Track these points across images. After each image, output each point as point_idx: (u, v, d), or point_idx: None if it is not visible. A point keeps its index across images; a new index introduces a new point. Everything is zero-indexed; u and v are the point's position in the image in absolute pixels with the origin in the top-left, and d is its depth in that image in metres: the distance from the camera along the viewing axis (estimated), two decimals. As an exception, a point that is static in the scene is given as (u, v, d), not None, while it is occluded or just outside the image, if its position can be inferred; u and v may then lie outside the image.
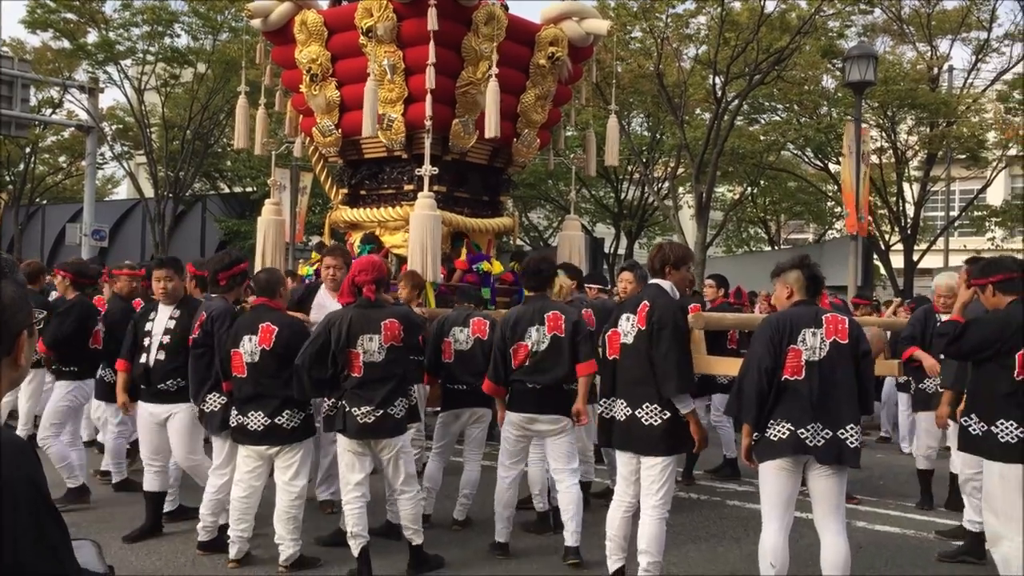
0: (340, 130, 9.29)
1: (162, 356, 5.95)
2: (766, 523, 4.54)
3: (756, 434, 4.50)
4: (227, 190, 29.55)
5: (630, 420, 4.83)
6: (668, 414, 4.76)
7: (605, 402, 5.00)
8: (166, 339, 5.95)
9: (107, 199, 34.85)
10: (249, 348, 5.40)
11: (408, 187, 9.14)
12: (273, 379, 5.38)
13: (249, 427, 5.42)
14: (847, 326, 4.49)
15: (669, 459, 4.83)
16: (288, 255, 16.31)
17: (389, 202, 9.36)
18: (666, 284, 4.97)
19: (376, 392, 5.24)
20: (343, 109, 9.22)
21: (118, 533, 6.10)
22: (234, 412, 5.49)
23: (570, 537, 5.65)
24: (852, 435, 4.40)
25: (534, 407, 5.68)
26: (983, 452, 4.69)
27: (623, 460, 4.97)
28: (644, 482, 4.84)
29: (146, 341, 6.01)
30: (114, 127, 27.81)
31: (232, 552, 5.53)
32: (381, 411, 5.25)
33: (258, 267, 8.93)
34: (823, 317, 4.50)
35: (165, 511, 6.30)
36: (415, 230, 8.20)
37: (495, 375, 5.78)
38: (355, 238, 9.42)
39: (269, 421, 5.38)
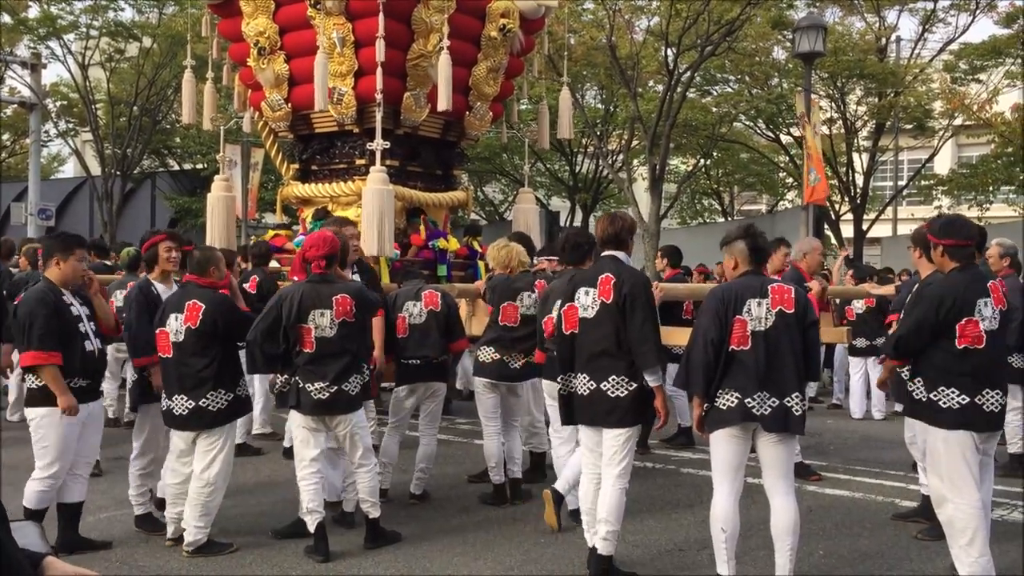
0: (290, 104, 9.18)
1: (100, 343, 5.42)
2: (717, 489, 4.62)
3: (706, 404, 4.56)
4: (177, 167, 29.05)
5: (594, 394, 4.80)
6: (634, 385, 4.76)
7: (563, 378, 4.94)
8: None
9: (53, 177, 34.11)
10: (175, 327, 5.29)
11: (360, 161, 9.07)
12: (199, 358, 5.24)
13: (175, 411, 5.31)
14: (793, 296, 4.54)
15: (632, 430, 4.85)
16: (240, 232, 16.12)
17: (341, 177, 9.28)
18: (621, 255, 4.95)
19: (329, 368, 5.21)
20: (292, 83, 9.10)
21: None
22: (163, 396, 5.39)
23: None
24: (797, 403, 4.49)
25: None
26: (926, 418, 4.78)
27: (588, 434, 4.95)
28: (606, 453, 4.84)
29: (81, 327, 5.24)
30: (58, 104, 27.14)
31: (169, 531, 5.48)
32: (335, 387, 5.22)
33: (211, 245, 8.82)
34: (769, 287, 4.56)
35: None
36: (368, 205, 8.14)
37: (541, 344, 5.69)
38: (307, 214, 9.34)
39: (193, 404, 5.25)
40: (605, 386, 4.77)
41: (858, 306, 10.41)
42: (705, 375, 4.50)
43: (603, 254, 5.01)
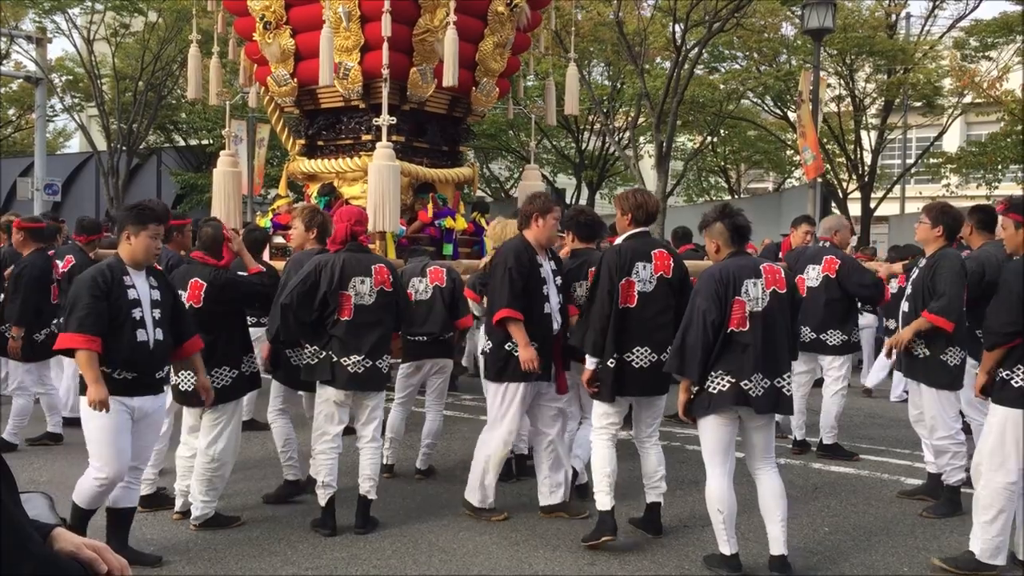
0: (295, 79, 9.14)
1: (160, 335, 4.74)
2: (710, 471, 4.65)
3: (695, 388, 4.57)
4: (183, 143, 29.00)
5: (656, 365, 5.00)
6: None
7: (616, 354, 5.00)
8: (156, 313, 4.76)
9: (59, 152, 34.10)
10: None
11: (366, 137, 9.04)
12: (202, 335, 5.06)
13: (181, 387, 5.28)
14: (783, 275, 4.61)
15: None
16: (247, 208, 16.11)
17: (347, 152, 9.26)
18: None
19: (365, 339, 5.21)
20: (298, 58, 9.06)
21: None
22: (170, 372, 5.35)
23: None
24: (787, 383, 4.55)
25: None
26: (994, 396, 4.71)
27: (622, 405, 5.19)
28: (648, 419, 5.27)
29: (136, 313, 4.60)
30: (64, 78, 27.09)
31: (177, 504, 5.52)
32: (371, 362, 5.23)
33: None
34: (762, 267, 4.58)
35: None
36: (373, 181, 8.12)
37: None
38: (313, 189, 9.32)
39: (198, 379, 5.11)
40: (663, 358, 4.96)
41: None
42: (703, 358, 4.48)
43: (639, 230, 5.16)
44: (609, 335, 4.96)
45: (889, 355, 6.40)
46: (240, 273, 5.55)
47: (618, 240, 5.21)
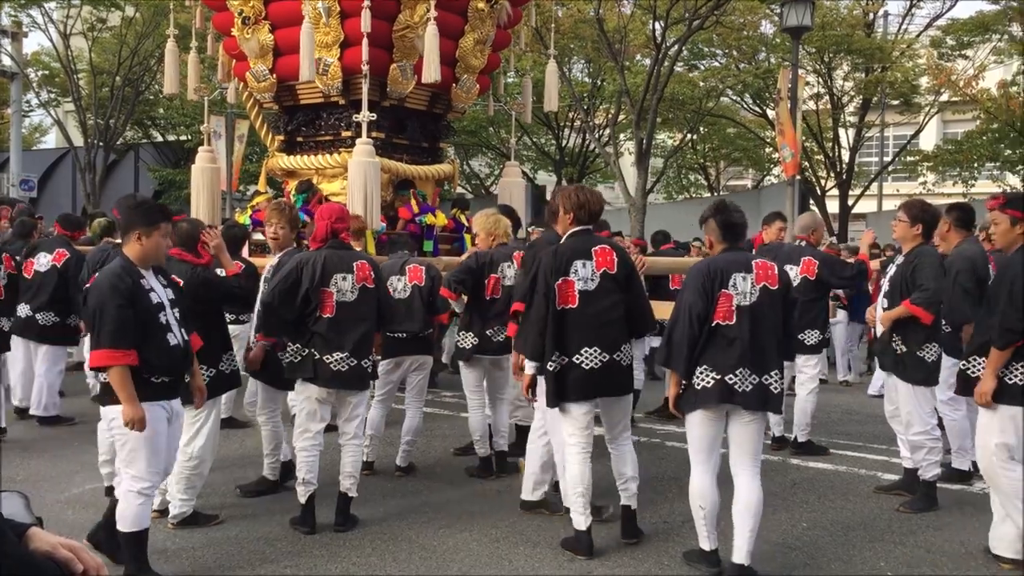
0: (275, 75, 9.08)
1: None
2: (694, 467, 4.65)
3: (683, 382, 4.57)
4: (160, 138, 28.80)
5: (609, 365, 4.84)
6: (632, 353, 5.03)
7: (558, 356, 4.84)
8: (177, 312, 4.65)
9: (35, 148, 33.78)
10: None
11: (346, 133, 9.00)
12: None
13: None
14: (777, 273, 4.56)
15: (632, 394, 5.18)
16: (225, 204, 16.02)
17: (327, 149, 9.22)
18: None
19: (347, 336, 5.20)
20: (277, 53, 9.01)
21: (51, 487, 6.03)
22: None
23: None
24: (776, 380, 4.48)
25: None
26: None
27: (583, 410, 4.91)
28: (613, 419, 5.09)
29: (162, 317, 4.46)
30: (40, 73, 26.85)
31: (155, 503, 5.42)
32: (355, 361, 5.22)
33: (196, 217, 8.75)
34: (753, 262, 4.55)
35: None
36: (353, 177, 8.09)
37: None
38: (291, 186, 9.28)
39: (192, 380, 4.98)
40: (617, 356, 4.86)
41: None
42: (689, 351, 4.48)
43: (581, 228, 5.00)
44: (548, 338, 4.82)
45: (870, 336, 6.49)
46: (218, 271, 5.52)
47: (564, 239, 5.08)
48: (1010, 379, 4.66)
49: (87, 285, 4.48)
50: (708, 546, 4.64)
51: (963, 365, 5.00)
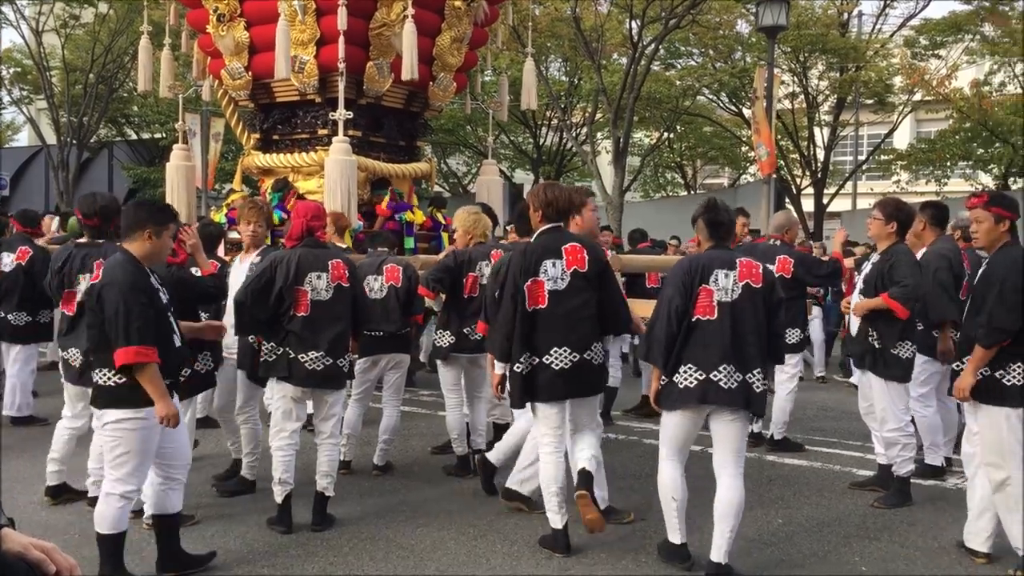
0: (250, 73, 9.03)
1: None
2: (663, 460, 4.67)
3: (664, 379, 4.58)
4: (135, 136, 28.56)
5: (580, 365, 4.80)
6: (604, 351, 4.97)
7: (528, 357, 4.82)
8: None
9: (7, 146, 33.40)
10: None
11: (322, 132, 8.97)
12: None
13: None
14: (761, 271, 4.55)
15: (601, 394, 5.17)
16: (201, 202, 15.91)
17: (303, 147, 9.18)
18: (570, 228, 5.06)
19: (322, 336, 5.18)
20: (252, 51, 8.96)
21: (24, 488, 5.97)
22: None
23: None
24: (758, 379, 4.47)
25: None
26: (992, 398, 4.70)
27: (554, 410, 4.88)
28: (583, 419, 4.98)
29: (169, 317, 4.47)
30: (12, 70, 26.55)
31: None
32: (330, 360, 5.20)
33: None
34: (737, 260, 4.55)
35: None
36: (330, 176, 8.06)
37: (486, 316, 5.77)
38: (267, 184, 9.23)
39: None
40: (588, 355, 4.81)
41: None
42: (667, 346, 4.50)
43: (551, 226, 4.96)
44: (515, 339, 4.79)
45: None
46: (193, 269, 5.48)
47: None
48: (1008, 381, 4.61)
49: (93, 282, 4.35)
50: (679, 539, 4.66)
51: (956, 366, 4.91)
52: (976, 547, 4.89)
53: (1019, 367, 4.60)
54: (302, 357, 5.17)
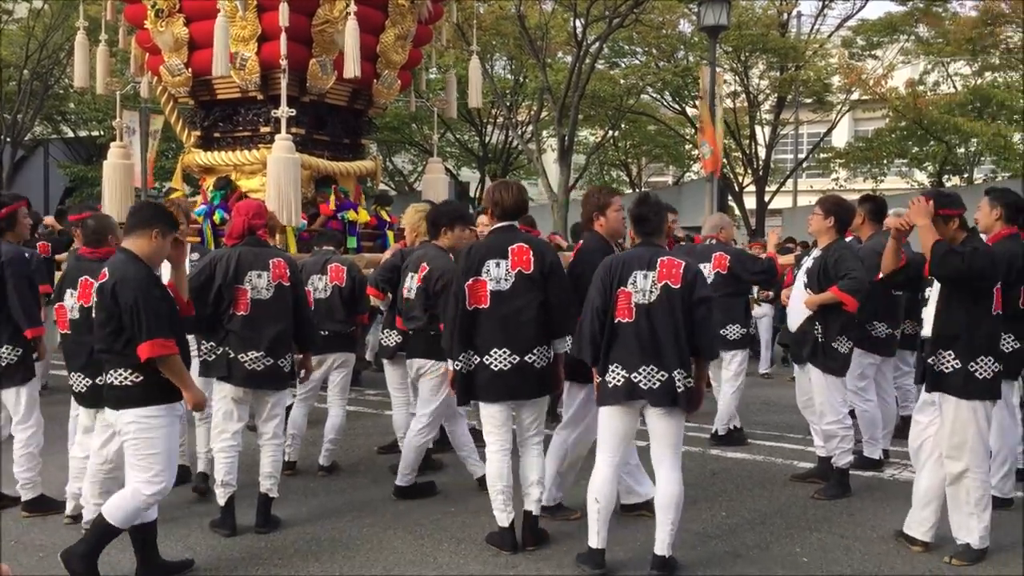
0: (190, 69, 8.91)
1: None
2: (598, 460, 4.67)
3: (599, 377, 4.60)
4: (71, 134, 27.92)
5: (520, 367, 4.75)
6: (551, 354, 4.86)
7: (464, 356, 4.81)
8: None
9: (-63, 144, 32.44)
10: (70, 303, 5.07)
11: (265, 129, 8.89)
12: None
13: (75, 387, 5.09)
14: (681, 271, 4.48)
15: (547, 397, 5.04)
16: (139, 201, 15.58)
17: (245, 145, 9.08)
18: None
19: (263, 335, 5.11)
20: (192, 47, 8.84)
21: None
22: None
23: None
24: (682, 379, 4.45)
25: None
26: (960, 391, 4.73)
27: (497, 409, 4.87)
28: (526, 422, 4.94)
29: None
30: (-59, 66, 25.78)
31: (68, 508, 5.35)
32: (271, 360, 5.13)
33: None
34: (657, 260, 4.51)
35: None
36: (273, 174, 7.99)
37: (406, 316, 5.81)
38: (209, 183, 9.10)
39: (90, 382, 4.95)
40: (530, 358, 4.77)
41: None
42: (592, 344, 4.55)
43: (502, 225, 4.94)
44: (455, 337, 4.80)
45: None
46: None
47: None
48: (980, 374, 4.69)
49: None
50: (596, 544, 4.60)
51: (931, 360, 4.86)
52: (917, 536, 4.98)
53: (988, 360, 4.70)
54: (242, 357, 5.10)
